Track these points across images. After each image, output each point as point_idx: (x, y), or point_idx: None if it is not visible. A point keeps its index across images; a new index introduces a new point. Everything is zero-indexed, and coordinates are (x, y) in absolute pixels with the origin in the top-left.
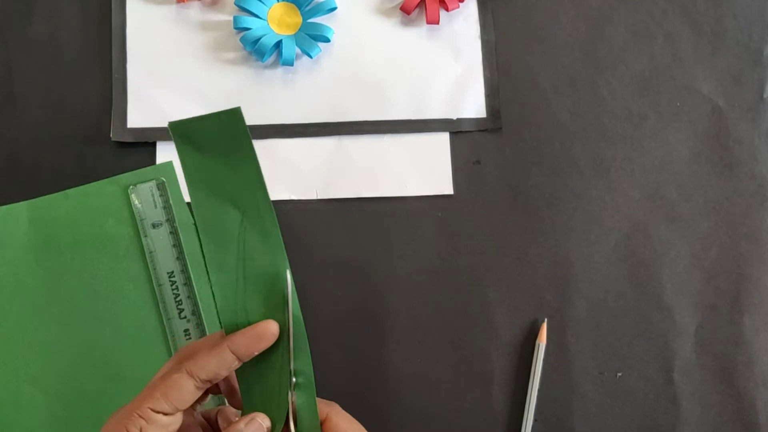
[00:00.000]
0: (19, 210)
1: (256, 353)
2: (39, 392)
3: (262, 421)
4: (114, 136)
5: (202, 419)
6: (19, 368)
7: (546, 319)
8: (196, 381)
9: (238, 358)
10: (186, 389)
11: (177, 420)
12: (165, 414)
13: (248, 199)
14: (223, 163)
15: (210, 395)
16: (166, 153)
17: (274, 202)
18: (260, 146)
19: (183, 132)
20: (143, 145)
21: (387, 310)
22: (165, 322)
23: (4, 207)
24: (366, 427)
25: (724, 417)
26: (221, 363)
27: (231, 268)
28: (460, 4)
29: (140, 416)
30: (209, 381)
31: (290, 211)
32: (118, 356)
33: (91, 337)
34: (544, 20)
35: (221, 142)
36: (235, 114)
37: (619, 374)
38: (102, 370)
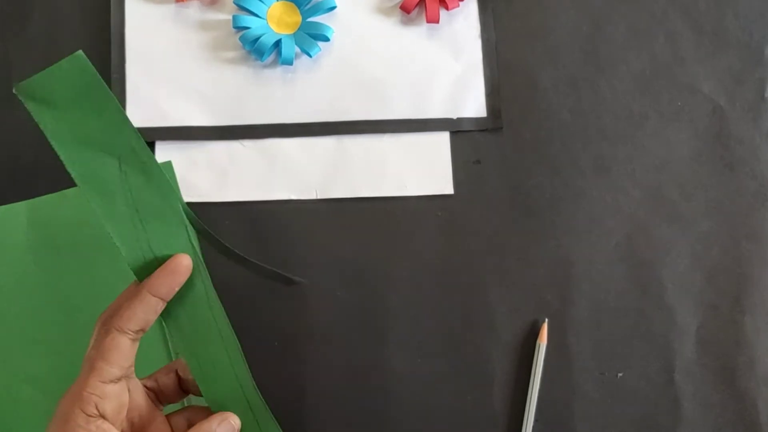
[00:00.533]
0: (18, 210)
1: (177, 289)
2: (38, 392)
3: (234, 421)
4: None
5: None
6: (18, 368)
7: (546, 319)
8: (129, 334)
9: (161, 299)
10: (123, 345)
11: (124, 389)
12: (114, 381)
13: (119, 143)
14: (83, 114)
15: (191, 395)
16: (166, 153)
17: (273, 202)
18: (260, 146)
19: (31, 92)
20: None
21: (387, 310)
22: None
23: (3, 207)
24: (366, 428)
25: (726, 417)
26: (147, 308)
27: (124, 215)
28: (460, 2)
29: (92, 393)
30: (142, 330)
31: (290, 211)
32: None
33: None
34: (545, 19)
35: (74, 93)
36: (78, 60)
37: (620, 374)
38: None
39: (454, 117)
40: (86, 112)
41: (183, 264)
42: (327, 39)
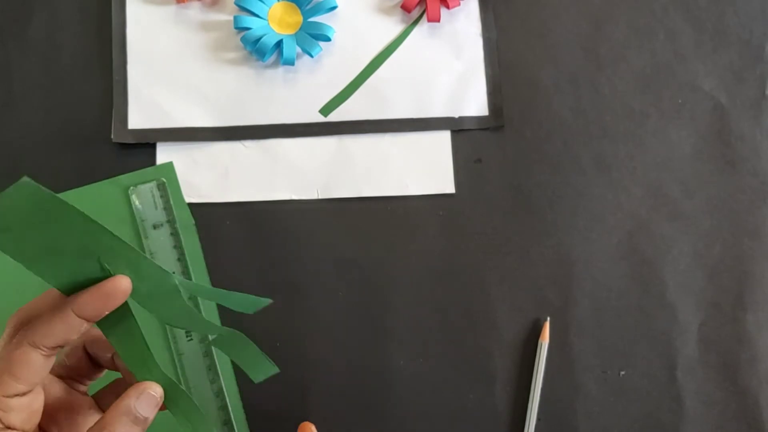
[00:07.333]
0: None
1: (106, 313)
2: None
3: (154, 391)
4: (115, 137)
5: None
6: None
7: (549, 318)
8: (43, 350)
9: (86, 320)
10: (34, 362)
11: (37, 395)
12: (20, 395)
13: (94, 246)
14: (45, 229)
15: (106, 370)
16: (167, 154)
17: (275, 201)
18: (261, 146)
19: None
20: (144, 146)
21: (388, 310)
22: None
23: None
24: (367, 427)
25: (728, 415)
26: (68, 329)
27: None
28: (461, 1)
29: None
30: (59, 347)
31: (291, 211)
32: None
33: None
34: (546, 17)
35: (30, 214)
36: (26, 186)
37: (623, 372)
38: None
39: (456, 116)
40: (48, 226)
41: (120, 288)
42: (328, 39)
